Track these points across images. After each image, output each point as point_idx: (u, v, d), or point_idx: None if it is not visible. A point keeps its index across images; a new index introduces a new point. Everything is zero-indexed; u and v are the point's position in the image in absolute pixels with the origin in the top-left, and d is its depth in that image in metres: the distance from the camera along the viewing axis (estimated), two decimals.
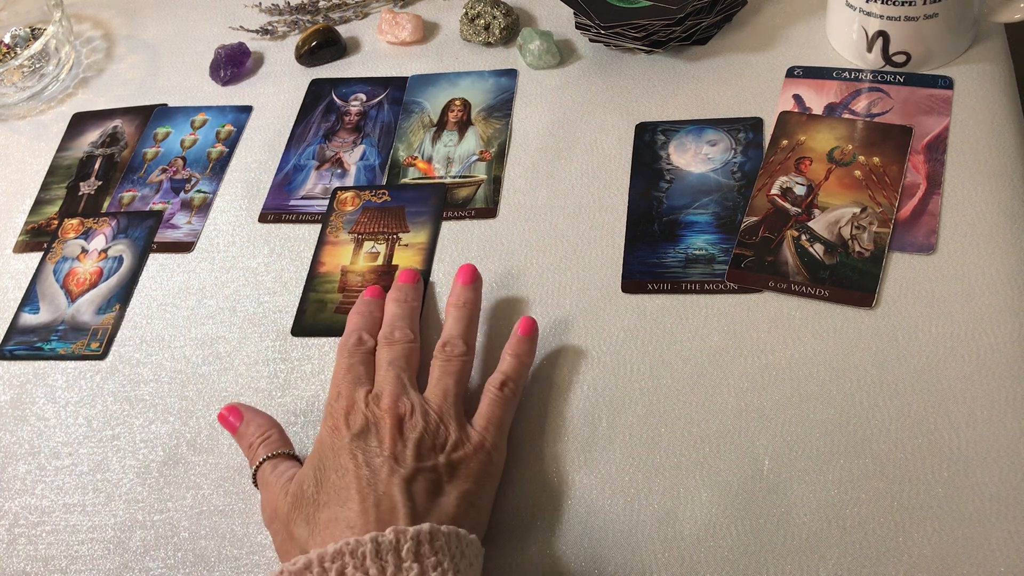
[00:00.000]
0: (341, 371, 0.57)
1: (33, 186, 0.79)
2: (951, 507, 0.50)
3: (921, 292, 0.58)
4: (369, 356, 0.59)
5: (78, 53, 0.89)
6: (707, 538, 0.51)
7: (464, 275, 0.61)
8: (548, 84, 0.76)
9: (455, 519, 0.50)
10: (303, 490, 0.52)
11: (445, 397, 0.55)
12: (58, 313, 0.69)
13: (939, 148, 0.65)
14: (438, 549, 0.46)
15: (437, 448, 0.52)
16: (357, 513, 0.49)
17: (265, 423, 0.58)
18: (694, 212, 0.65)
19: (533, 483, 0.55)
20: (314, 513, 0.51)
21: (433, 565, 0.46)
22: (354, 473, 0.51)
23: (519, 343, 0.58)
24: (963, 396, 0.54)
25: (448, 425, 0.54)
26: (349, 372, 0.57)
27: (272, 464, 0.55)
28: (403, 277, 0.63)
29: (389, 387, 0.55)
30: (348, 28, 0.85)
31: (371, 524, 0.48)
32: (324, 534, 0.49)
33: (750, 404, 0.56)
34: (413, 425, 0.53)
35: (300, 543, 0.50)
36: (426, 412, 0.54)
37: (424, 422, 0.53)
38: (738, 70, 0.73)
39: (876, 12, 0.66)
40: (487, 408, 0.55)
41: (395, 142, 0.75)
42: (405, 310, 0.61)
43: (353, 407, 0.54)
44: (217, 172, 0.76)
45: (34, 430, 0.63)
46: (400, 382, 0.56)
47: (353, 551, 0.46)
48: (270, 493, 0.54)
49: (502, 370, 0.57)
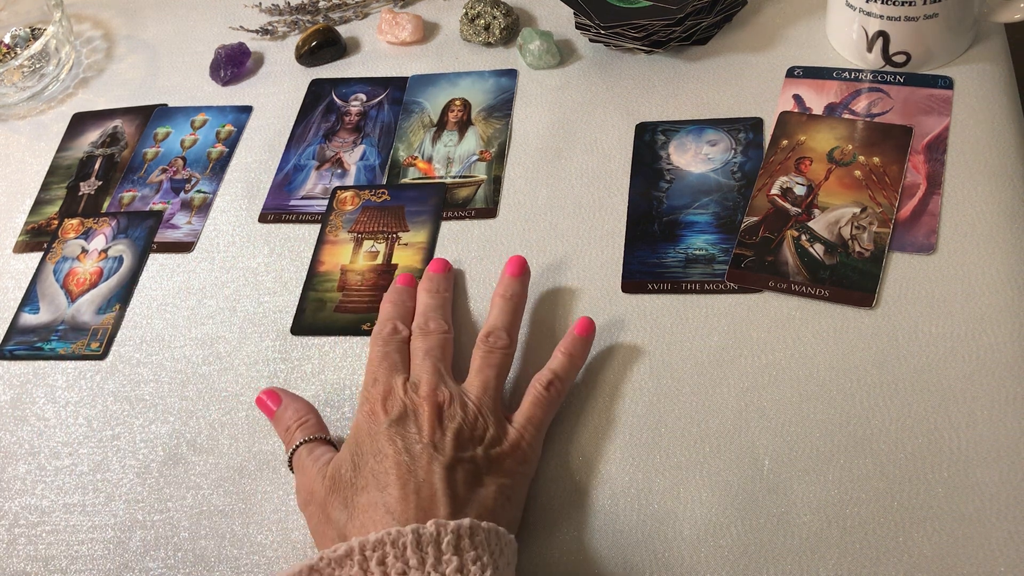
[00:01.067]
0: (376, 359, 0.57)
1: (33, 186, 0.79)
2: (951, 507, 0.50)
3: (921, 292, 0.58)
4: (404, 345, 0.58)
5: (78, 53, 0.89)
6: (707, 538, 0.51)
7: (513, 266, 0.61)
8: (548, 84, 0.76)
9: (493, 512, 0.50)
10: (340, 474, 0.52)
11: (485, 390, 0.55)
12: (58, 313, 0.69)
13: (939, 148, 0.65)
14: (478, 544, 0.46)
15: (475, 440, 0.52)
16: (397, 499, 0.49)
17: (302, 408, 0.58)
18: (694, 212, 0.65)
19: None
20: (352, 497, 0.51)
21: (472, 559, 0.46)
22: (393, 458, 0.51)
23: (574, 343, 0.57)
24: (963, 396, 0.54)
25: (487, 418, 0.53)
26: (385, 360, 0.57)
27: (308, 448, 0.55)
28: (434, 267, 0.63)
29: (427, 375, 0.55)
30: (348, 28, 0.85)
31: (411, 510, 0.48)
32: (363, 518, 0.49)
33: (750, 404, 0.56)
34: (452, 415, 0.53)
35: (338, 527, 0.50)
36: (464, 403, 0.54)
37: (463, 412, 0.53)
38: (738, 70, 0.73)
39: (876, 12, 0.66)
40: (529, 407, 0.55)
41: (395, 142, 0.75)
42: (438, 300, 0.61)
43: (391, 393, 0.54)
44: (217, 172, 0.76)
45: (34, 430, 0.63)
46: (438, 371, 0.56)
47: (394, 541, 0.46)
48: (306, 476, 0.54)
49: (552, 367, 0.56)
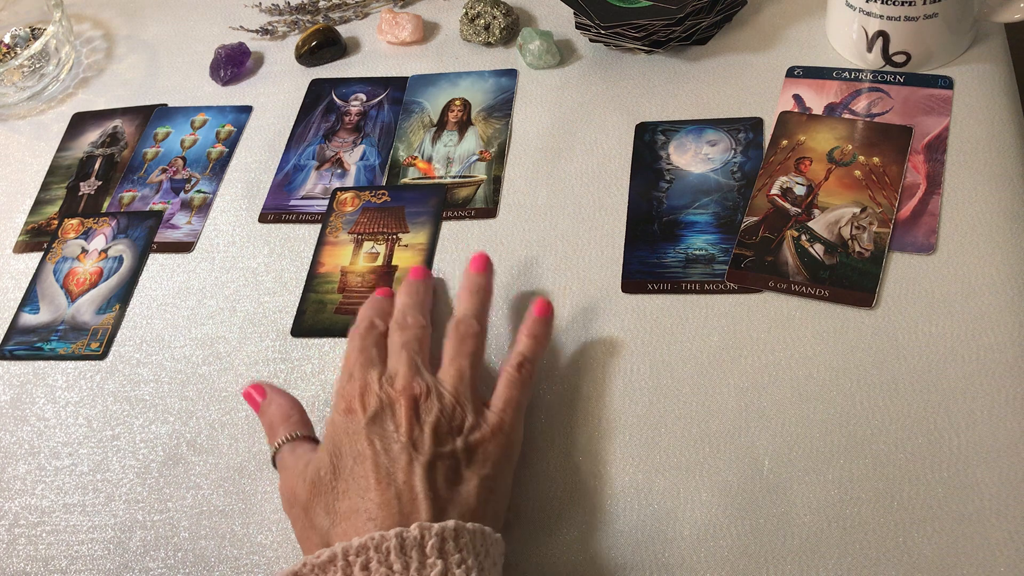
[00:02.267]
0: (353, 354, 0.57)
1: (33, 186, 0.79)
2: (951, 507, 0.50)
3: (921, 292, 0.58)
4: (381, 339, 0.58)
5: (78, 53, 0.89)
6: (707, 538, 0.51)
7: (476, 263, 0.61)
8: (548, 84, 0.76)
9: (476, 509, 0.50)
10: (321, 477, 0.51)
11: (460, 378, 0.55)
12: (58, 313, 0.69)
13: (939, 148, 0.65)
14: (463, 547, 0.46)
15: (454, 431, 0.52)
16: (378, 504, 0.49)
17: (286, 403, 0.58)
18: (694, 212, 0.65)
19: (532, 484, 0.55)
20: (334, 503, 0.50)
21: (457, 562, 0.45)
22: (372, 460, 0.50)
23: (535, 323, 0.58)
24: (963, 396, 0.54)
25: (464, 407, 0.53)
26: (361, 354, 0.56)
27: (291, 447, 0.55)
28: (414, 273, 0.63)
29: (403, 368, 0.55)
30: (348, 28, 0.85)
31: (393, 517, 0.48)
32: (345, 525, 0.49)
33: (750, 404, 0.56)
34: (428, 408, 0.52)
35: (321, 533, 0.50)
36: (441, 394, 0.53)
37: (440, 404, 0.53)
38: (738, 70, 0.73)
39: (876, 12, 0.66)
40: (504, 389, 0.55)
41: (395, 142, 0.75)
42: (416, 300, 0.61)
43: (367, 388, 0.54)
44: (217, 172, 0.76)
45: (34, 430, 0.63)
46: (414, 364, 0.55)
47: (377, 546, 0.45)
48: (289, 477, 0.54)
49: (519, 351, 0.57)
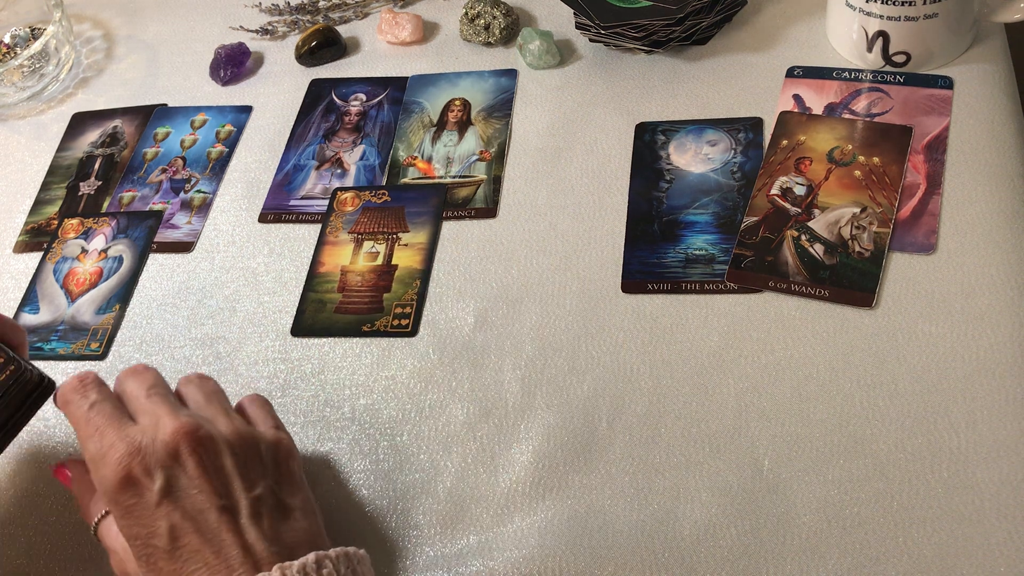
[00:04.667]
0: (81, 417, 0.48)
1: (33, 186, 0.79)
2: (951, 507, 0.50)
3: (921, 292, 0.58)
4: (107, 391, 0.50)
5: (78, 53, 0.89)
6: (707, 538, 0.51)
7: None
8: (548, 84, 0.76)
9: (317, 537, 0.47)
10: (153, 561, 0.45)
11: (209, 401, 0.51)
12: (58, 313, 0.69)
13: (939, 148, 0.65)
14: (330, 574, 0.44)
15: (254, 461, 0.48)
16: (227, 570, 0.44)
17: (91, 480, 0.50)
18: (694, 212, 0.65)
19: (532, 484, 0.55)
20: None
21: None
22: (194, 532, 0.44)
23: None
24: (963, 396, 0.54)
25: (249, 433, 0.50)
26: (96, 411, 0.48)
27: (108, 523, 0.50)
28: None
29: (163, 411, 0.48)
30: (348, 28, 0.85)
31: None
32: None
33: (750, 404, 0.56)
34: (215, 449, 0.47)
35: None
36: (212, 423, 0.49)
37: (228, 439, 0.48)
38: (738, 70, 0.73)
39: (876, 12, 0.66)
40: (257, 410, 0.53)
41: (395, 142, 0.75)
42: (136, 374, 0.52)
43: (137, 450, 0.45)
44: (217, 172, 0.76)
45: (34, 430, 0.63)
46: (169, 401, 0.49)
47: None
48: (118, 557, 0.49)
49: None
